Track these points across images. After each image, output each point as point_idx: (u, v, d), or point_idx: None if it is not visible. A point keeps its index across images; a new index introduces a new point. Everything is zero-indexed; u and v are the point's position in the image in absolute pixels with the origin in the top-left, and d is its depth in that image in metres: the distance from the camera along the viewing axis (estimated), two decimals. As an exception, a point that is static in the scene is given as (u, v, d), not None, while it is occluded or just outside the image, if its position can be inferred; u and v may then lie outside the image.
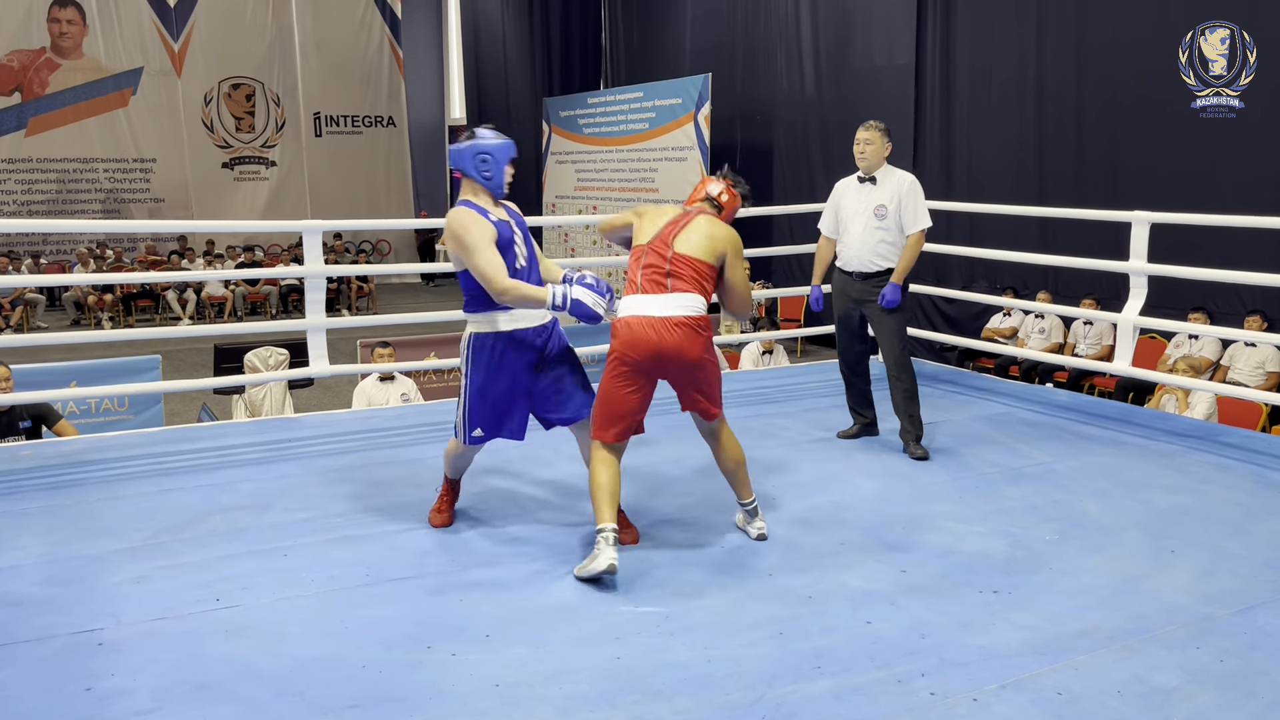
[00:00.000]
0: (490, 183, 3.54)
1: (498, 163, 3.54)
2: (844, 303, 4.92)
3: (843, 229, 4.87)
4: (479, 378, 3.55)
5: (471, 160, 3.52)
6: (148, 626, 3.02)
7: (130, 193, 18.42)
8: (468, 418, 3.59)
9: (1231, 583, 3.34)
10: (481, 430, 3.58)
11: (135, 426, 6.67)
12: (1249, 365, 7.64)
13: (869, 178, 4.81)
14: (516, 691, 2.67)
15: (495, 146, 3.54)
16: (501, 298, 3.39)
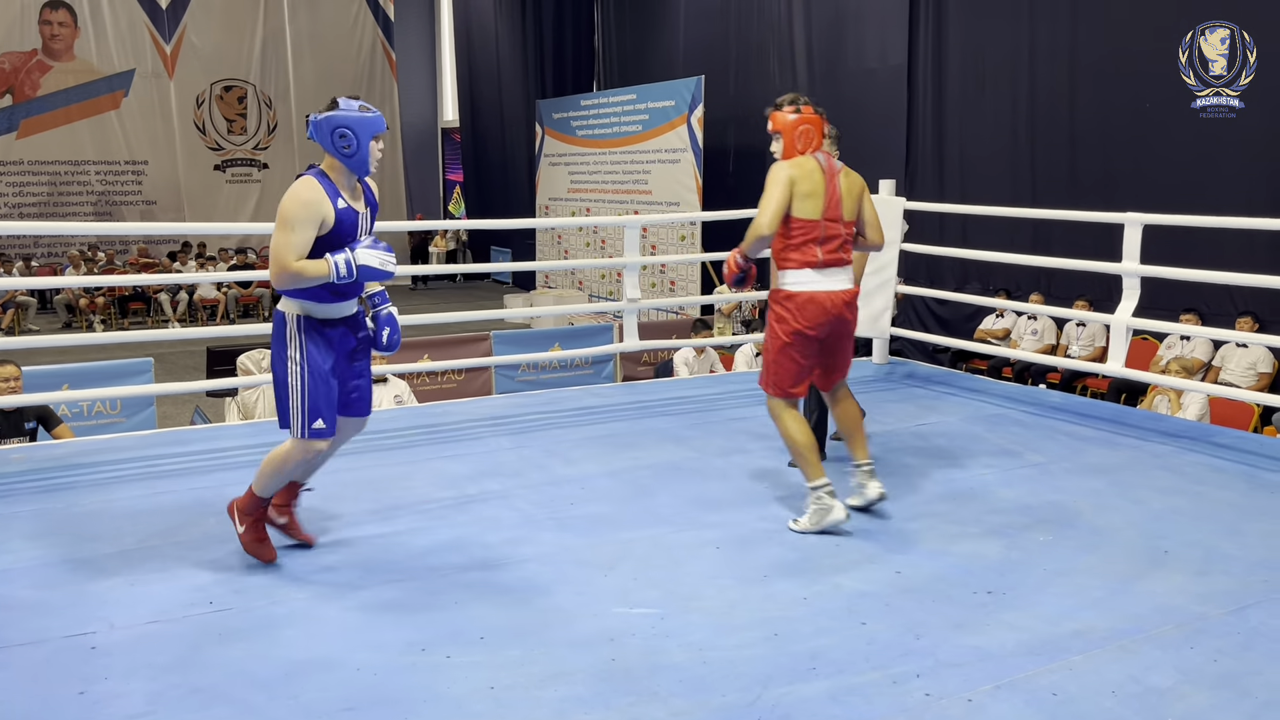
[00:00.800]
0: (351, 159, 3.21)
1: (358, 139, 3.19)
2: None
3: None
4: (314, 354, 3.25)
5: (329, 135, 3.18)
6: (141, 630, 3.01)
7: (122, 195, 18.38)
8: (306, 409, 3.24)
9: (1225, 583, 3.34)
10: (323, 421, 3.27)
11: (128, 429, 6.64)
12: (1241, 366, 7.67)
13: None
14: (511, 694, 2.66)
15: (356, 120, 3.19)
16: (279, 279, 3.13)
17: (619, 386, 6.95)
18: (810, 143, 3.82)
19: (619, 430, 5.28)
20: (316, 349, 3.26)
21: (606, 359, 8.69)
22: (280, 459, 3.34)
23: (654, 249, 13.90)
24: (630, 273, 6.33)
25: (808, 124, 3.81)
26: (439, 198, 21.19)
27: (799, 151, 3.82)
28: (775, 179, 3.77)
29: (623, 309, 6.42)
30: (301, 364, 3.24)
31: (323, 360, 3.27)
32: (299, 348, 3.25)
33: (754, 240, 3.77)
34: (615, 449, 4.89)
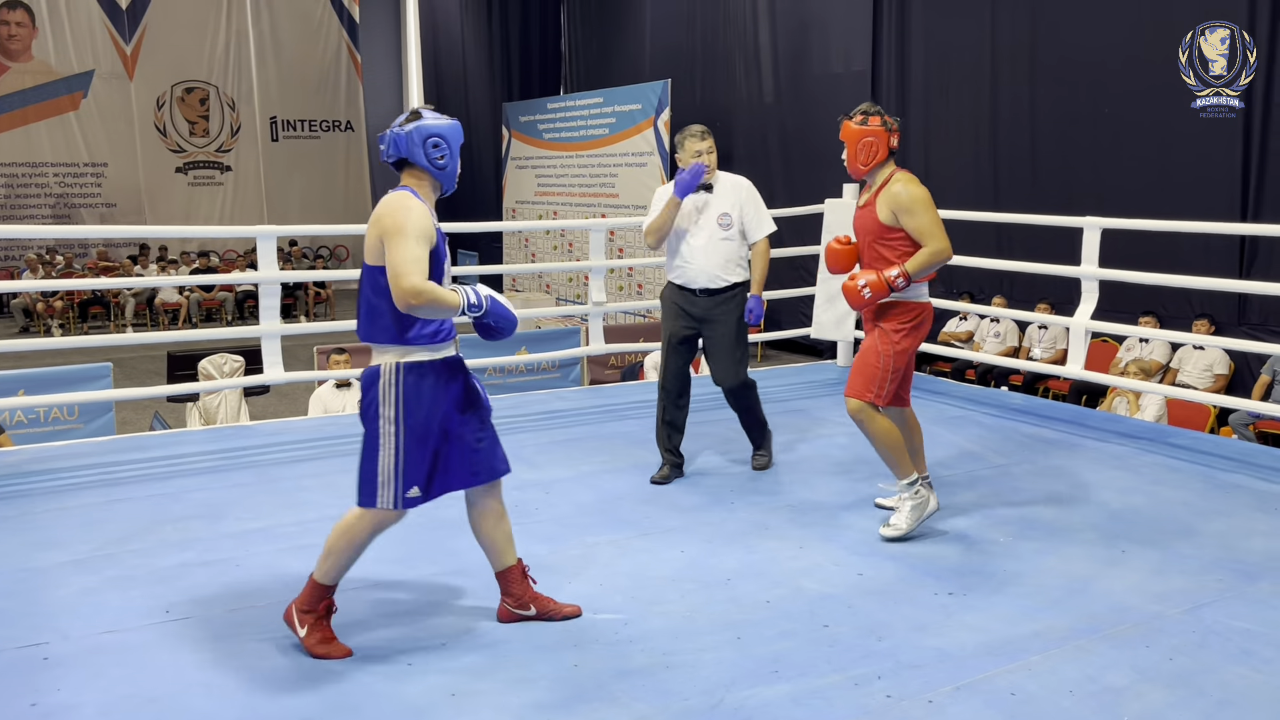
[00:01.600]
0: (444, 172, 2.92)
1: (451, 149, 2.92)
2: (681, 323, 4.42)
3: (678, 241, 4.40)
4: (415, 409, 2.83)
5: (421, 146, 2.87)
6: (95, 640, 2.96)
7: (81, 198, 18.10)
8: (400, 472, 2.84)
9: (1181, 582, 3.39)
10: (419, 488, 2.88)
11: (85, 436, 6.54)
12: (1197, 368, 7.79)
13: (705, 185, 4.39)
14: (474, 700, 2.65)
15: (449, 129, 2.92)
16: (412, 296, 2.70)
17: (586, 390, 6.94)
18: (874, 155, 3.79)
19: (585, 434, 5.27)
20: (418, 403, 2.83)
21: (573, 362, 8.68)
22: (351, 533, 2.88)
23: (621, 252, 13.90)
24: (597, 276, 6.32)
25: (871, 136, 3.77)
26: (405, 201, 21.10)
27: (862, 165, 3.79)
28: (921, 199, 3.74)
29: (589, 312, 6.41)
30: (397, 422, 2.82)
31: (427, 416, 2.84)
32: (396, 403, 2.82)
33: (933, 265, 3.70)
34: (581, 453, 4.88)
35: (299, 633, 2.89)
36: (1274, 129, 7.47)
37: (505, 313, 2.92)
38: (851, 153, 3.81)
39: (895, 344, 3.75)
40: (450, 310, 2.80)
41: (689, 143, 4.31)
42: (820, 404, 5.93)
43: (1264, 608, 3.19)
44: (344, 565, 2.92)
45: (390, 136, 2.89)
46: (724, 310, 4.39)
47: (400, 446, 2.83)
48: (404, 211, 2.78)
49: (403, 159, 2.89)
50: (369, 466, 2.86)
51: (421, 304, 2.72)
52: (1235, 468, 4.67)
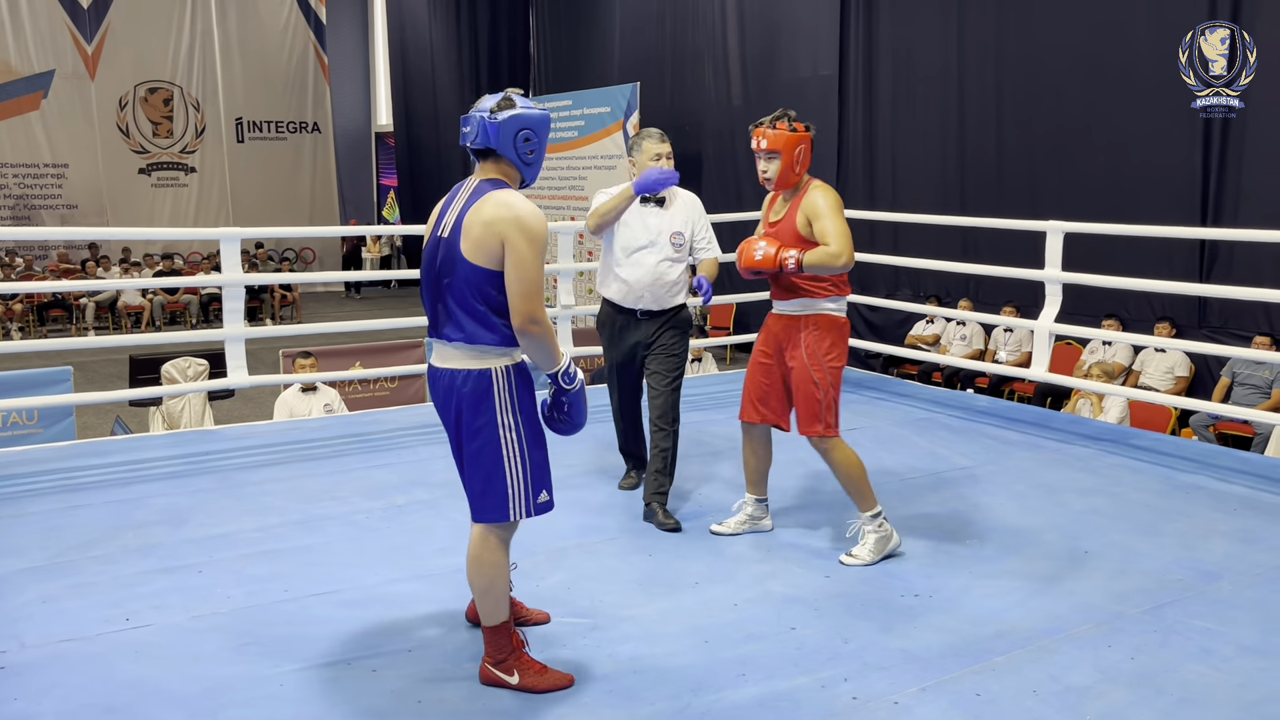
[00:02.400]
0: (531, 168, 2.74)
1: (541, 142, 2.72)
2: (625, 346, 4.10)
3: (624, 258, 4.00)
4: (531, 424, 2.70)
5: (513, 138, 2.66)
6: (54, 648, 2.91)
7: (41, 199, 17.82)
8: (530, 480, 2.69)
9: (1142, 582, 3.43)
10: (547, 493, 2.75)
11: (45, 441, 6.43)
12: (1159, 370, 7.89)
13: (656, 199, 4.03)
14: (439, 706, 2.63)
15: (540, 121, 2.71)
16: (532, 324, 2.57)
17: (553, 393, 6.91)
18: (806, 164, 3.59)
19: (553, 438, 5.24)
20: (529, 405, 2.69)
21: (541, 366, 8.63)
22: (487, 561, 2.69)
23: (590, 255, 13.89)
24: (565, 279, 6.31)
25: (804, 142, 3.56)
26: (372, 203, 20.89)
27: (797, 175, 3.57)
28: (834, 204, 3.51)
29: (558, 315, 6.39)
30: (518, 428, 2.66)
31: (536, 416, 2.73)
32: (511, 409, 2.65)
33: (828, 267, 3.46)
34: (551, 457, 4.86)
35: (510, 682, 2.68)
36: (1247, 131, 7.57)
37: (584, 406, 2.76)
38: (786, 162, 3.52)
39: (830, 365, 3.56)
40: (548, 362, 2.65)
41: (647, 144, 3.98)
42: (788, 407, 5.95)
43: (1224, 607, 3.24)
44: (502, 594, 2.70)
45: (479, 123, 2.65)
46: (669, 335, 4.04)
47: (526, 452, 2.67)
48: (537, 220, 2.59)
49: (489, 149, 2.67)
50: (494, 480, 2.65)
51: (536, 334, 2.58)
52: (1195, 469, 4.74)
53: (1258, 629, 3.08)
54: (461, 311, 2.63)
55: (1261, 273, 7.21)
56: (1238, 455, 5.16)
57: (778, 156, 3.53)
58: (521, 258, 2.56)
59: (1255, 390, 7.31)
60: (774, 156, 3.54)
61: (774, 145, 3.52)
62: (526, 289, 2.56)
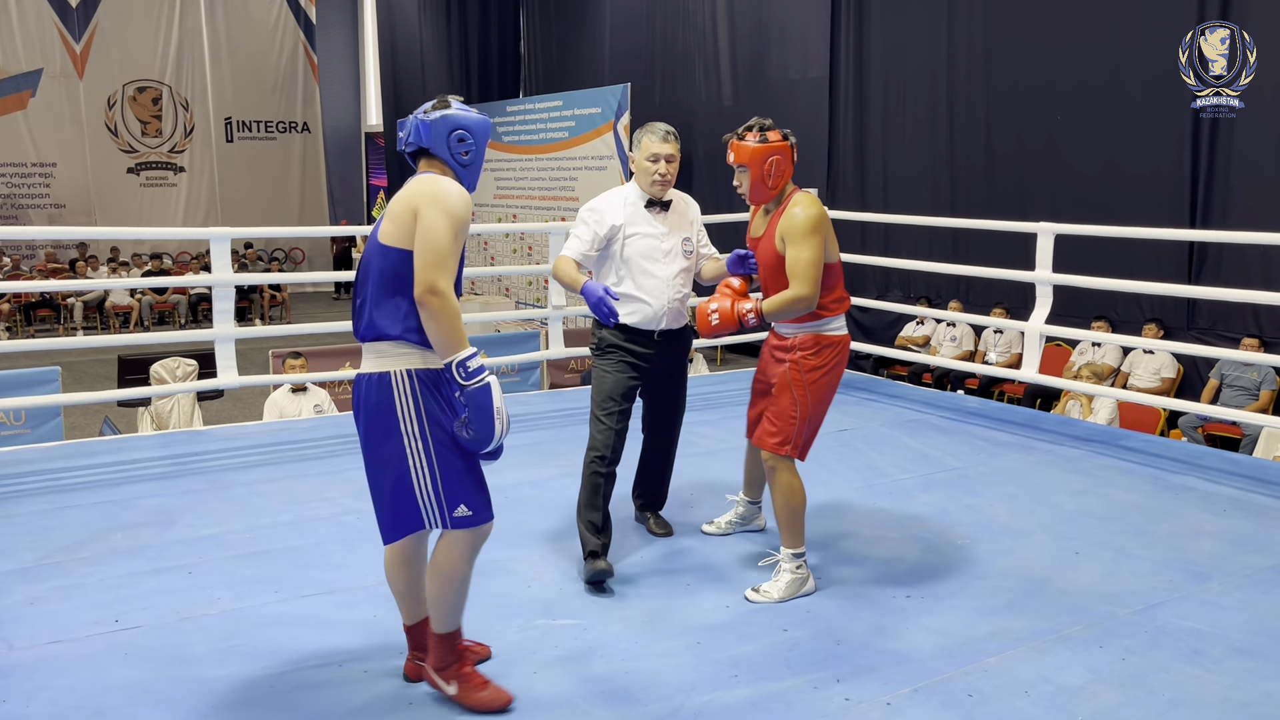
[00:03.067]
0: (468, 170, 2.62)
1: (478, 144, 2.64)
2: (630, 375, 3.55)
3: (641, 273, 3.53)
4: (440, 419, 2.48)
5: (445, 138, 2.59)
6: (41, 650, 2.89)
7: (29, 198, 17.73)
8: (442, 491, 2.48)
9: (1132, 583, 3.44)
10: (467, 506, 2.51)
11: (33, 441, 6.39)
12: (1148, 371, 7.93)
13: (661, 202, 3.59)
14: (430, 709, 2.62)
15: (477, 123, 2.63)
16: (430, 298, 2.38)
17: (545, 394, 6.91)
18: (784, 174, 3.31)
19: (545, 438, 5.25)
20: (441, 412, 2.48)
21: (533, 366, 8.64)
22: (450, 572, 2.53)
23: (581, 256, 13.87)
24: (555, 280, 6.29)
25: (777, 153, 3.29)
26: (362, 203, 20.85)
27: (771, 189, 3.32)
28: (808, 225, 3.20)
29: (549, 316, 6.39)
30: (423, 437, 2.45)
31: (447, 424, 2.49)
32: (415, 416, 2.46)
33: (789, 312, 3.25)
34: (541, 457, 4.86)
35: (448, 691, 2.59)
36: (1241, 132, 7.60)
37: (490, 412, 2.43)
38: (757, 176, 3.28)
39: (815, 388, 3.31)
40: (448, 346, 2.41)
41: (647, 142, 3.51)
42: (779, 408, 5.95)
43: (1213, 608, 3.25)
44: (458, 603, 2.59)
45: (413, 124, 2.60)
46: (678, 354, 3.70)
47: (434, 460, 2.46)
48: (452, 189, 2.48)
49: (423, 148, 2.61)
50: (400, 493, 2.48)
51: (436, 308, 2.38)
52: (1184, 470, 4.76)
53: (1247, 630, 3.09)
54: (372, 304, 2.51)
55: (1250, 274, 7.25)
56: (1226, 456, 5.18)
57: (746, 169, 3.31)
58: (432, 226, 2.42)
59: (1243, 392, 7.35)
60: (743, 169, 3.32)
61: (740, 159, 3.30)
62: (430, 258, 2.39)
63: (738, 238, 4.80)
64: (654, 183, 3.52)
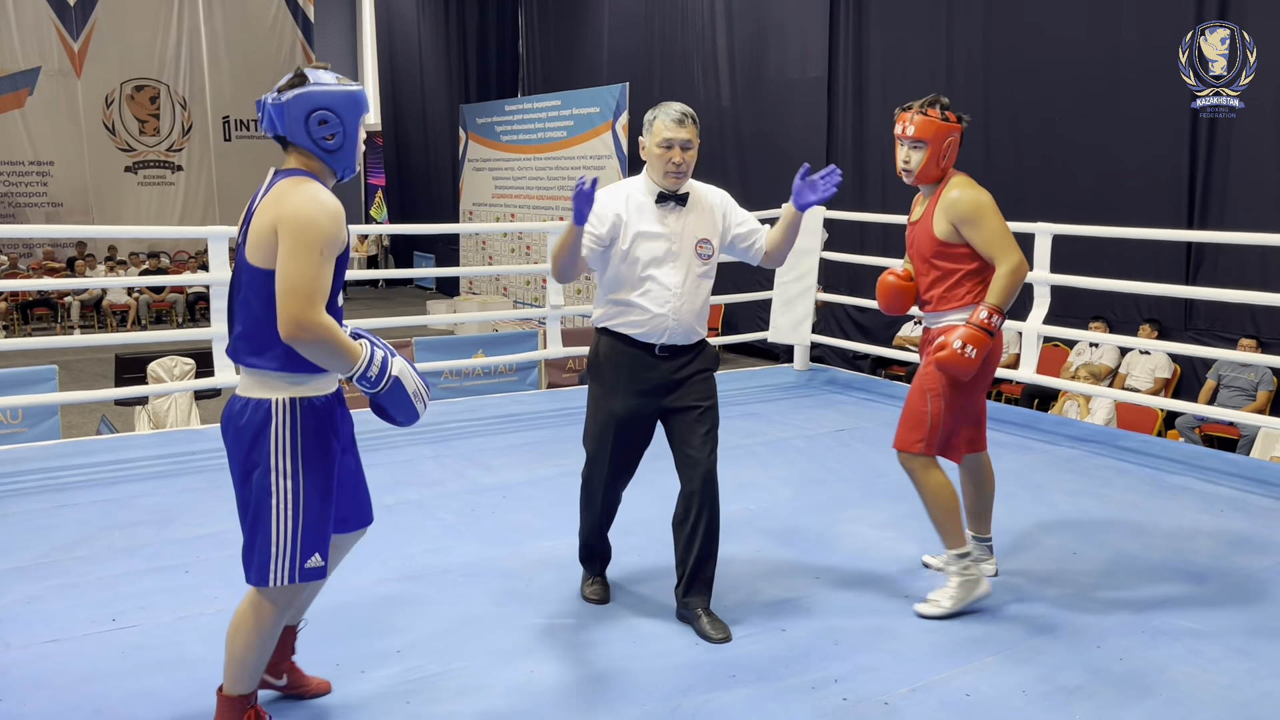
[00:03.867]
0: (336, 155, 2.29)
1: (345, 124, 2.28)
2: (636, 394, 3.08)
3: (642, 276, 3.04)
4: (316, 473, 2.26)
5: (302, 122, 2.24)
6: (39, 649, 2.89)
7: (26, 197, 17.70)
8: (299, 540, 2.26)
9: (1130, 582, 3.45)
10: (320, 556, 2.31)
11: (30, 440, 6.38)
12: (1145, 372, 7.93)
13: (675, 195, 3.09)
14: (428, 709, 2.62)
15: (339, 98, 2.26)
16: (300, 330, 2.13)
17: (543, 394, 6.91)
18: (954, 159, 3.22)
19: (542, 438, 5.24)
20: (316, 450, 2.26)
21: (531, 366, 8.63)
22: (251, 629, 2.30)
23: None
24: (555, 279, 6.28)
25: (954, 133, 3.19)
26: (360, 202, 20.84)
27: (940, 170, 3.20)
28: (989, 204, 3.10)
29: (547, 315, 6.39)
30: (295, 476, 2.24)
31: (323, 466, 2.29)
32: (288, 451, 2.23)
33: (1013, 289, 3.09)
34: (538, 457, 4.86)
35: None
36: (1240, 132, 7.60)
37: (407, 401, 2.30)
38: (933, 154, 3.16)
39: (945, 382, 3.15)
40: (340, 366, 2.21)
41: (659, 125, 3.02)
42: (777, 408, 5.96)
43: (1210, 608, 3.25)
44: (256, 666, 2.34)
45: (265, 107, 2.26)
46: (700, 382, 3.11)
47: (300, 505, 2.24)
48: (314, 207, 2.17)
49: (280, 135, 2.27)
50: (258, 535, 2.25)
51: (310, 341, 2.14)
52: (1182, 470, 4.76)
53: (1245, 630, 3.09)
54: (243, 325, 2.26)
55: (1247, 275, 7.25)
56: (1224, 457, 5.19)
57: (924, 146, 3.16)
58: (288, 250, 2.14)
59: (1241, 392, 7.35)
60: (920, 145, 3.16)
61: (922, 133, 3.15)
62: (288, 285, 2.13)
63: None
64: (668, 173, 3.02)
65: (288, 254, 2.15)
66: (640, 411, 3.10)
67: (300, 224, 2.16)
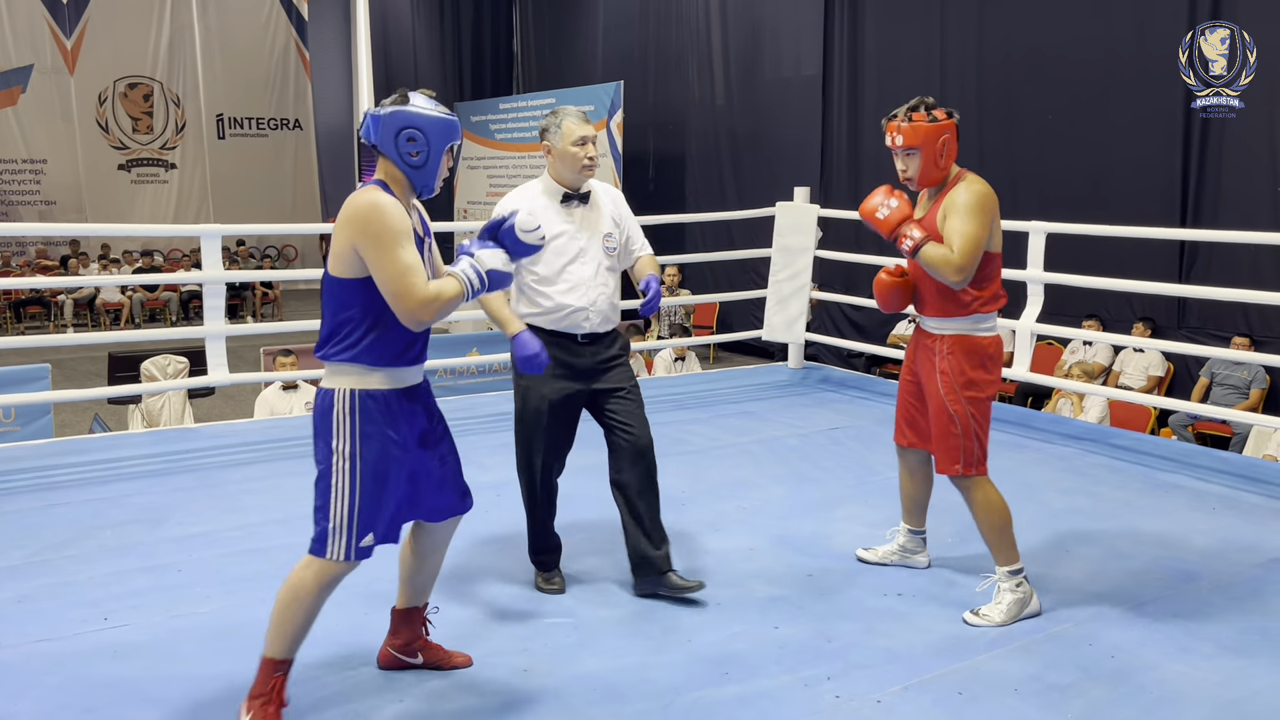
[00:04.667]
0: (418, 172, 2.50)
1: (430, 146, 2.49)
2: (569, 380, 3.28)
3: (559, 270, 3.23)
4: (372, 455, 2.46)
5: (393, 137, 2.47)
6: (30, 648, 2.88)
7: (19, 195, 17.65)
8: (355, 519, 2.46)
9: (1122, 580, 3.45)
10: (373, 535, 2.50)
11: (22, 438, 6.37)
12: (1138, 370, 7.95)
13: (579, 194, 3.29)
14: (422, 707, 2.62)
15: (429, 122, 2.48)
16: (422, 312, 2.37)
17: (536, 392, 6.90)
18: (953, 155, 3.15)
19: (535, 436, 5.23)
20: (376, 436, 2.46)
21: (524, 364, 8.63)
22: (298, 593, 2.46)
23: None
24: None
25: (947, 131, 3.12)
26: (355, 200, 20.85)
27: (941, 170, 3.14)
28: (977, 203, 3.05)
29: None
30: (351, 459, 2.45)
31: (384, 451, 2.47)
32: (349, 435, 2.44)
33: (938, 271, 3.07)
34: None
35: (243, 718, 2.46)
36: (1233, 132, 7.61)
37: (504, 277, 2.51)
38: (929, 157, 3.10)
39: (969, 396, 3.14)
40: (459, 304, 2.46)
41: (570, 126, 3.18)
42: (771, 406, 5.96)
43: (1202, 606, 3.26)
44: (297, 633, 2.48)
45: (367, 117, 2.52)
46: (622, 365, 3.37)
47: (355, 487, 2.45)
48: (375, 212, 2.38)
49: (373, 144, 2.52)
50: (320, 511, 2.48)
51: (431, 318, 2.40)
52: (1174, 468, 4.77)
53: (1236, 628, 3.10)
54: (324, 322, 2.52)
55: (1240, 274, 7.27)
56: (1216, 455, 5.20)
57: (918, 153, 3.12)
58: (371, 260, 2.38)
59: (1233, 390, 7.37)
60: (913, 153, 3.12)
61: (912, 141, 3.10)
62: (388, 291, 2.38)
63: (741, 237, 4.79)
64: (583, 168, 3.21)
65: (372, 263, 2.38)
66: (571, 395, 3.29)
67: (367, 231, 2.37)
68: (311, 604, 2.48)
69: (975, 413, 3.15)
